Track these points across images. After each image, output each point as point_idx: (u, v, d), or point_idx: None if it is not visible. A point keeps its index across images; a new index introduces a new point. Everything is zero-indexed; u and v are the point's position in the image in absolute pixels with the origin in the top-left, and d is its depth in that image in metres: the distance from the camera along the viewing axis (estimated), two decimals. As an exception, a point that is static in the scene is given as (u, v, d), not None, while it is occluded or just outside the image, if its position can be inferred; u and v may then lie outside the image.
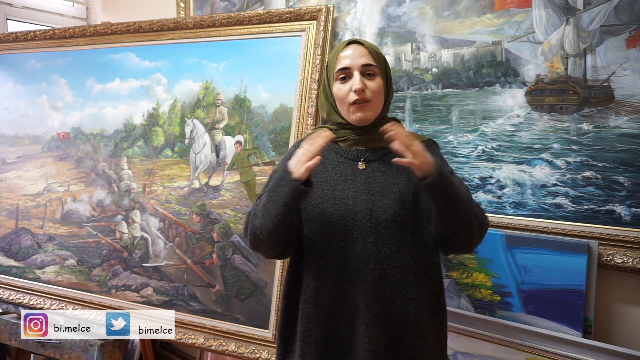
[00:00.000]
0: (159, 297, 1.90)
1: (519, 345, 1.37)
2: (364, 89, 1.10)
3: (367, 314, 1.07)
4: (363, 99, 1.10)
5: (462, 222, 1.04)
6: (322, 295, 1.11)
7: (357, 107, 1.11)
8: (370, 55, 1.13)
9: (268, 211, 1.06)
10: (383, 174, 1.14)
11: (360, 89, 1.09)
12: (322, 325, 1.11)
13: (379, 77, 1.13)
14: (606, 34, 1.32)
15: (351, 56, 1.13)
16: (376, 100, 1.13)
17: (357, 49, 1.14)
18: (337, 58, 1.15)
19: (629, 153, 1.30)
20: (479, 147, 1.54)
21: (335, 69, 1.14)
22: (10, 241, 2.25)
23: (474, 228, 1.06)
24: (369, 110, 1.12)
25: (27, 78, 2.33)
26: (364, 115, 1.12)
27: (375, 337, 1.06)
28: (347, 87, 1.12)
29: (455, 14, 1.56)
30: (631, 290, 1.34)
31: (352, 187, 1.12)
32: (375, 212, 1.09)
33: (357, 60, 1.12)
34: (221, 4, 2.22)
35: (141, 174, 2.03)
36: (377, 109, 1.14)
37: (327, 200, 1.13)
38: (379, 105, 1.15)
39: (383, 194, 1.11)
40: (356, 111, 1.12)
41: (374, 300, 1.07)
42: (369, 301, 1.07)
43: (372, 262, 1.08)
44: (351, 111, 1.13)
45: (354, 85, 1.10)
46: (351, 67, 1.12)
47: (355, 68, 1.12)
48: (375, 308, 1.07)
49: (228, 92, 1.89)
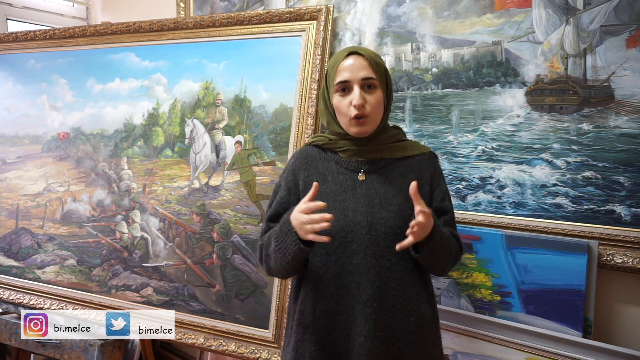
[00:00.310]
0: (159, 297, 1.90)
1: (519, 345, 1.37)
2: (364, 104, 1.10)
3: (365, 327, 1.07)
4: (362, 114, 1.10)
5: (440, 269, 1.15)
6: (319, 307, 1.11)
7: (356, 122, 1.11)
8: (370, 67, 1.11)
9: (278, 259, 1.09)
10: (383, 186, 1.14)
11: (360, 104, 1.09)
12: (318, 337, 1.11)
13: (378, 90, 1.13)
14: (606, 34, 1.31)
15: (351, 69, 1.11)
16: (375, 114, 1.13)
17: (357, 60, 1.12)
18: (337, 70, 1.13)
19: (629, 153, 1.30)
20: (479, 147, 1.54)
21: (335, 81, 1.13)
22: (10, 241, 2.25)
23: (448, 268, 1.17)
24: (367, 124, 1.12)
25: (27, 78, 2.33)
26: (363, 129, 1.13)
27: (374, 350, 1.06)
28: (347, 100, 1.11)
29: (455, 14, 1.56)
30: (631, 290, 1.34)
31: (352, 199, 1.12)
32: (374, 224, 1.09)
33: (357, 73, 1.11)
34: (221, 4, 2.22)
35: (141, 174, 2.04)
36: (376, 122, 1.14)
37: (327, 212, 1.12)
38: (378, 118, 1.14)
39: (383, 206, 1.11)
40: (355, 125, 1.12)
41: (374, 313, 1.07)
42: (367, 314, 1.07)
43: (372, 274, 1.08)
44: (350, 125, 1.13)
45: (354, 100, 1.09)
46: (351, 81, 1.11)
47: (355, 82, 1.11)
48: (374, 321, 1.07)
49: (228, 92, 1.89)
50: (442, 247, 1.07)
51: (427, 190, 1.16)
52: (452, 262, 1.16)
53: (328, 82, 1.17)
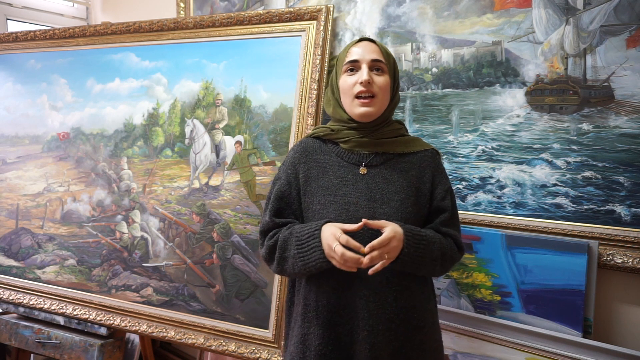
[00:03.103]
0: (159, 297, 1.90)
1: (519, 345, 1.37)
2: (371, 82, 1.10)
3: (367, 321, 1.07)
4: (369, 91, 1.10)
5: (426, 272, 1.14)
6: (321, 301, 1.12)
7: (361, 102, 1.11)
8: (380, 53, 1.14)
9: (298, 266, 1.09)
10: (385, 180, 1.13)
11: (367, 80, 1.09)
12: (322, 331, 1.11)
13: (386, 75, 1.13)
14: (606, 34, 1.31)
15: (362, 51, 1.14)
16: (382, 96, 1.12)
17: (369, 45, 1.15)
18: (348, 52, 1.16)
19: (629, 153, 1.30)
20: (479, 147, 1.54)
21: (344, 61, 1.15)
22: (10, 241, 2.25)
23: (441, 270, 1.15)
24: (373, 105, 1.11)
25: (27, 78, 2.33)
26: (368, 111, 1.11)
27: (377, 345, 1.06)
28: (354, 79, 1.12)
29: (455, 14, 1.56)
30: (631, 290, 1.34)
31: (353, 193, 1.12)
32: (376, 220, 1.08)
33: (367, 55, 1.13)
34: (221, 4, 2.22)
35: (141, 174, 2.03)
36: (382, 106, 1.14)
37: (328, 206, 1.12)
38: (384, 102, 1.14)
39: (384, 201, 1.11)
40: (360, 105, 1.11)
41: (377, 308, 1.07)
42: (370, 309, 1.07)
43: None
44: (355, 104, 1.12)
45: (361, 77, 1.10)
46: (360, 61, 1.13)
47: (364, 62, 1.12)
48: (377, 315, 1.07)
49: (228, 92, 1.89)
50: (419, 257, 1.06)
51: (428, 188, 1.16)
52: (443, 264, 1.12)
53: (337, 66, 1.18)
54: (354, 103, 1.12)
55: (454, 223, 1.18)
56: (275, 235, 1.16)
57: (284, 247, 1.13)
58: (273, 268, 1.17)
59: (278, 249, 1.13)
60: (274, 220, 1.18)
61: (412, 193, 1.13)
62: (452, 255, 1.14)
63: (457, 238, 1.17)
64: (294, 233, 1.11)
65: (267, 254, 1.18)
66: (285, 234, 1.13)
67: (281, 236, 1.14)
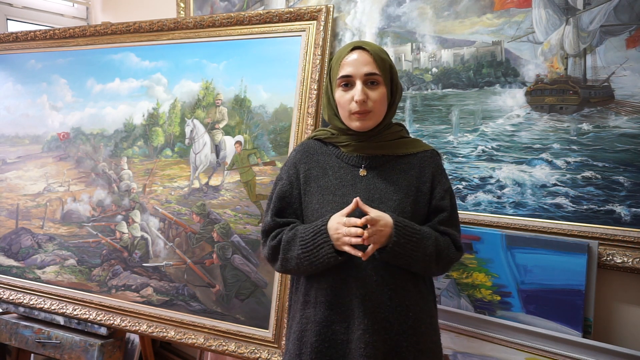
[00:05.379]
0: (159, 297, 1.90)
1: (519, 345, 1.37)
2: (365, 100, 1.09)
3: (363, 320, 1.07)
4: (364, 110, 1.10)
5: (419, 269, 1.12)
6: (319, 298, 1.12)
7: (357, 117, 1.11)
8: (374, 63, 1.11)
9: (304, 265, 1.10)
10: (383, 182, 1.14)
11: (361, 100, 1.09)
12: (318, 328, 1.11)
13: (382, 86, 1.12)
14: (606, 34, 1.32)
15: (354, 64, 1.11)
16: (377, 110, 1.12)
17: (361, 55, 1.11)
18: (341, 64, 1.13)
19: (629, 153, 1.30)
20: (479, 147, 1.54)
21: (337, 75, 1.13)
22: (10, 241, 2.25)
23: (437, 268, 1.14)
24: (369, 120, 1.12)
25: (27, 78, 2.33)
26: (364, 124, 1.12)
27: (372, 344, 1.06)
28: (349, 95, 1.11)
29: (455, 14, 1.56)
30: (631, 290, 1.34)
31: (351, 193, 1.12)
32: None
33: (360, 68, 1.10)
34: (221, 4, 2.22)
35: (141, 174, 2.04)
36: (378, 118, 1.14)
37: (327, 205, 1.13)
38: (380, 114, 1.14)
39: (382, 202, 1.11)
40: (356, 120, 1.12)
41: (372, 307, 1.08)
42: (366, 308, 1.08)
43: (370, 269, 1.09)
44: (351, 119, 1.13)
45: (356, 96, 1.09)
46: (354, 76, 1.11)
47: (358, 77, 1.10)
48: (372, 315, 1.07)
49: (228, 92, 1.89)
50: (410, 249, 1.06)
51: (428, 188, 1.16)
52: (439, 262, 1.12)
53: (331, 76, 1.17)
54: (351, 117, 1.13)
55: (453, 223, 1.18)
56: (277, 235, 1.17)
57: (287, 248, 1.13)
58: (276, 267, 1.18)
59: (282, 250, 1.14)
60: (275, 220, 1.19)
61: (412, 193, 1.13)
62: (449, 254, 1.13)
63: (456, 238, 1.17)
64: (298, 234, 1.12)
65: (269, 254, 1.19)
66: (289, 235, 1.14)
67: (284, 237, 1.14)
